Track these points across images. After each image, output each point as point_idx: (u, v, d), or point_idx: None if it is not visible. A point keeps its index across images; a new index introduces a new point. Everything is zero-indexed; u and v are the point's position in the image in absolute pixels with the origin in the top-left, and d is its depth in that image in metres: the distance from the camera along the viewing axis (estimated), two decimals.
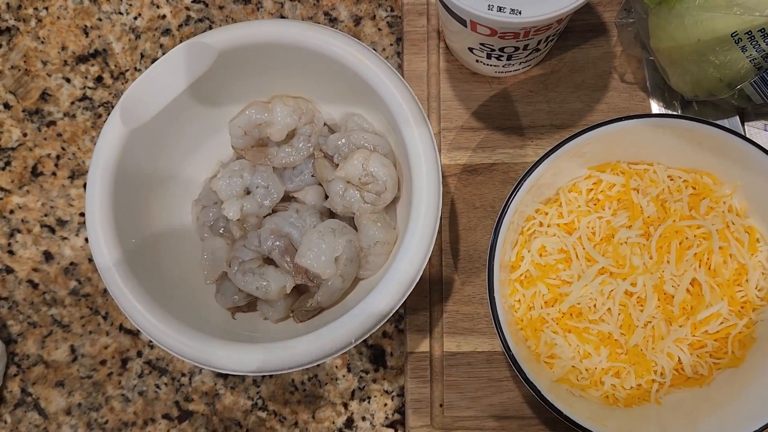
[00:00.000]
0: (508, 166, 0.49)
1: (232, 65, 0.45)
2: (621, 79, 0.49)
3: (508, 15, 0.36)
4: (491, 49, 0.43)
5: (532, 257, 0.43)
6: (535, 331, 0.43)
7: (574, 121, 0.49)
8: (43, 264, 0.53)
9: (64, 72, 0.55)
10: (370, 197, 0.45)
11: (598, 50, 0.49)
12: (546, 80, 0.49)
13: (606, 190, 0.44)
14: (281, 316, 0.46)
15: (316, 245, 0.45)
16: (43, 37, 0.55)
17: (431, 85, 0.50)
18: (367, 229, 0.46)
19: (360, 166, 0.45)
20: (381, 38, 0.53)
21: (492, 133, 0.49)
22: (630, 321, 0.42)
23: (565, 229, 0.44)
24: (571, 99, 0.49)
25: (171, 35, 0.55)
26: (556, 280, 0.43)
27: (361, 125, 0.47)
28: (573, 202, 0.44)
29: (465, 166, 0.49)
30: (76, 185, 0.54)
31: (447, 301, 0.48)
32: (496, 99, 0.49)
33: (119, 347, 0.51)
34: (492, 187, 0.48)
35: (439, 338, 0.47)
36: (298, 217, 0.47)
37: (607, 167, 0.44)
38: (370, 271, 0.47)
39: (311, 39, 0.42)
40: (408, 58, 0.51)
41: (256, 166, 0.48)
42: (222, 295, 0.46)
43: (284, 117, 0.47)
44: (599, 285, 0.42)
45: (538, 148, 0.49)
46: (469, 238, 0.48)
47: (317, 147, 0.48)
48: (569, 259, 0.43)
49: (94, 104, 0.54)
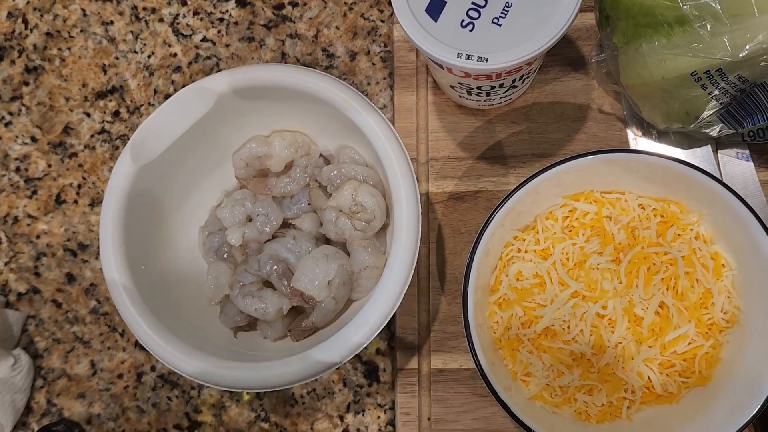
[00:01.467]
0: (491, 194, 0.52)
1: (233, 104, 0.49)
2: (599, 110, 0.52)
3: (476, 62, 0.39)
4: (469, 87, 0.46)
5: (509, 281, 0.46)
6: (512, 351, 0.46)
7: (554, 150, 0.51)
8: (66, 285, 0.57)
9: (85, 107, 0.60)
10: (360, 225, 0.49)
11: (578, 82, 0.52)
12: (528, 111, 0.52)
13: (580, 217, 0.47)
14: (279, 335, 0.50)
15: (311, 270, 0.48)
16: (66, 75, 0.60)
17: (420, 117, 0.53)
18: (357, 254, 0.49)
19: (350, 197, 0.48)
20: (375, 72, 0.57)
21: (477, 163, 0.52)
22: (601, 342, 0.44)
23: (540, 255, 0.46)
24: (552, 129, 0.52)
25: (182, 72, 0.59)
26: (531, 303, 0.46)
27: (353, 157, 0.51)
28: (549, 229, 0.47)
29: (451, 193, 0.52)
30: (95, 212, 0.58)
31: (434, 321, 0.51)
32: (481, 130, 0.52)
33: (134, 362, 0.56)
34: (476, 214, 0.51)
35: (426, 356, 0.50)
36: (294, 243, 0.51)
37: (582, 196, 0.47)
38: (361, 293, 0.50)
39: (303, 82, 0.46)
40: (398, 92, 0.54)
41: (257, 195, 0.52)
42: (225, 315, 0.50)
43: (282, 150, 0.51)
44: (572, 308, 0.45)
45: (520, 177, 0.51)
46: (455, 261, 0.51)
47: (313, 177, 0.52)
48: (544, 283, 0.46)
49: (112, 137, 0.59)
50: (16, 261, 0.58)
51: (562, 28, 0.39)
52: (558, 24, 0.39)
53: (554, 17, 0.39)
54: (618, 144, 0.51)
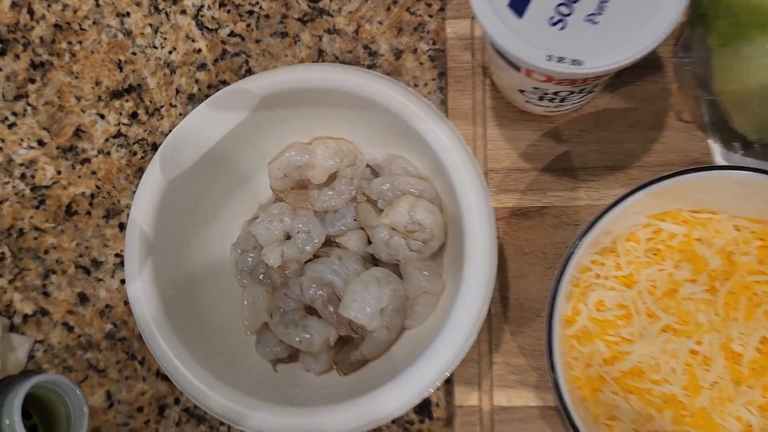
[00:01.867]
0: (560, 210, 0.46)
1: (272, 108, 0.43)
2: (678, 118, 0.47)
3: (569, 66, 0.34)
4: (544, 92, 0.41)
5: (589, 312, 0.41)
6: (593, 391, 0.40)
7: (629, 162, 0.46)
8: (78, 306, 0.52)
9: (99, 108, 0.54)
10: (417, 245, 0.44)
11: (654, 87, 0.47)
12: (598, 119, 0.47)
13: (667, 240, 0.42)
14: (324, 369, 0.45)
15: (361, 295, 0.43)
16: (77, 72, 0.54)
17: (477, 123, 0.48)
18: (413, 278, 0.44)
19: (406, 214, 0.43)
20: (423, 73, 0.51)
21: (542, 175, 0.47)
22: (695, 382, 0.39)
23: (623, 282, 0.41)
24: (626, 139, 0.47)
25: (207, 70, 0.53)
26: (615, 336, 0.41)
27: (406, 169, 0.45)
28: (631, 253, 0.42)
29: (513, 209, 0.47)
30: (111, 225, 0.52)
31: (496, 352, 0.46)
32: (546, 138, 0.47)
33: (156, 393, 0.50)
34: (543, 232, 0.46)
35: (488, 391, 0.45)
36: (341, 264, 0.45)
37: (668, 216, 0.42)
38: (416, 321, 0.45)
39: (353, 83, 0.41)
40: (452, 95, 0.49)
41: (296, 209, 0.47)
42: (263, 346, 0.45)
43: (325, 159, 0.45)
44: (662, 343, 0.40)
45: (591, 191, 0.46)
46: (519, 285, 0.46)
47: (359, 190, 0.46)
48: (629, 314, 0.40)
49: (129, 141, 0.53)
50: (21, 279, 0.52)
51: (668, 24, 0.34)
52: (664, 21, 0.34)
53: (659, 13, 0.34)
54: (699, 156, 0.46)
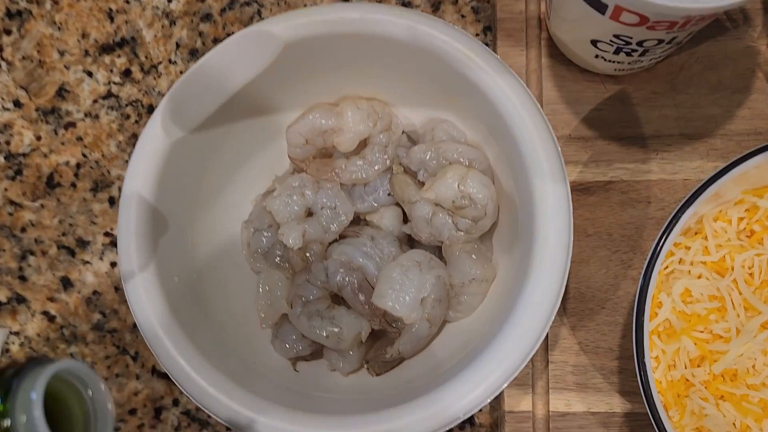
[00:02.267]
0: (627, 185, 0.40)
1: (295, 59, 0.36)
2: (767, 79, 0.40)
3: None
4: (626, 41, 0.34)
5: (673, 303, 0.35)
6: (678, 398, 0.34)
7: (709, 130, 0.40)
8: (61, 292, 0.44)
9: (86, 64, 0.46)
10: (465, 224, 0.37)
11: (739, 43, 0.40)
12: (674, 79, 0.40)
13: (764, 219, 0.35)
14: (354, 368, 0.38)
15: (399, 283, 0.36)
16: (60, 22, 0.47)
17: (531, 84, 0.41)
18: (460, 262, 0.37)
19: (455, 187, 0.36)
20: (465, 27, 0.44)
21: (607, 144, 0.40)
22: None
23: (714, 269, 0.35)
24: (705, 103, 0.40)
25: (212, 21, 0.46)
26: (705, 333, 0.34)
27: (452, 135, 0.39)
28: (721, 234, 0.35)
29: (575, 184, 0.40)
30: (99, 199, 0.45)
31: (553, 349, 0.39)
32: (612, 102, 0.41)
33: (152, 394, 0.43)
34: (608, 210, 0.40)
35: (543, 395, 0.39)
36: (373, 246, 0.38)
37: (766, 191, 0.35)
38: (462, 313, 0.38)
39: (403, 29, 0.34)
40: (502, 51, 0.42)
41: (320, 181, 0.40)
42: (281, 341, 0.38)
43: (356, 123, 0.38)
44: (763, 342, 0.33)
45: (665, 163, 0.40)
46: (580, 272, 0.39)
47: (395, 160, 0.40)
48: (723, 307, 0.34)
49: (121, 103, 0.46)
50: None
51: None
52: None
53: None
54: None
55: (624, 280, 0.39)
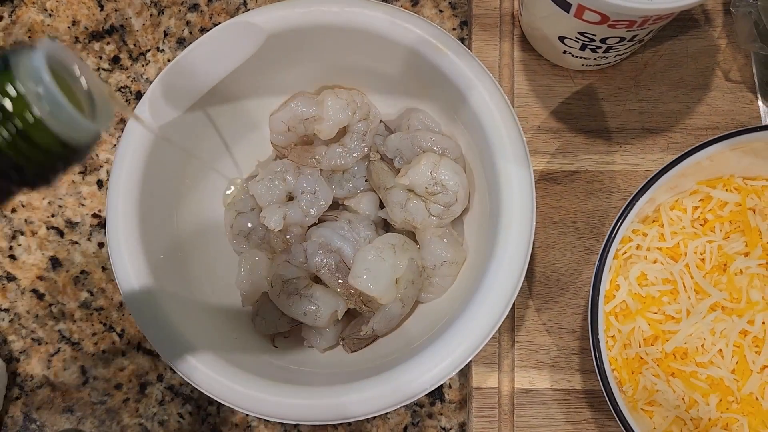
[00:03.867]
0: (592, 175, 0.42)
1: (278, 49, 0.38)
2: (725, 77, 0.42)
3: (637, 0, 0.30)
4: (590, 39, 0.36)
5: (629, 286, 0.37)
6: (632, 374, 0.36)
7: (670, 125, 0.42)
8: (50, 271, 0.46)
9: (75, 51, 0.48)
10: (437, 209, 0.39)
11: (700, 42, 0.43)
12: (638, 76, 0.43)
13: (716, 208, 0.38)
14: (330, 344, 0.40)
15: (374, 264, 0.38)
16: (51, 9, 0.48)
17: (503, 78, 0.43)
18: (432, 246, 0.39)
19: (428, 173, 0.38)
20: (442, 21, 0.46)
21: (574, 136, 0.42)
22: (745, 365, 0.36)
23: (668, 254, 0.37)
24: (667, 98, 0.42)
25: (199, 11, 0.48)
26: (659, 314, 0.36)
27: (427, 124, 0.41)
28: (676, 222, 0.38)
29: (542, 173, 0.42)
30: (87, 182, 0.47)
31: (519, 329, 0.41)
32: (580, 96, 0.43)
33: (137, 369, 0.45)
34: (573, 199, 0.42)
35: (509, 372, 0.41)
36: (350, 229, 0.40)
37: (719, 182, 0.38)
38: (434, 294, 0.40)
39: (379, 21, 0.36)
40: (476, 46, 0.44)
41: (300, 167, 0.42)
42: (261, 319, 0.40)
43: (336, 112, 0.40)
44: (711, 322, 0.36)
45: (628, 155, 0.42)
46: (546, 257, 0.42)
47: (373, 148, 0.41)
48: (675, 290, 0.36)
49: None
50: None
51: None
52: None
53: None
54: (747, 119, 0.42)
55: (587, 265, 0.41)
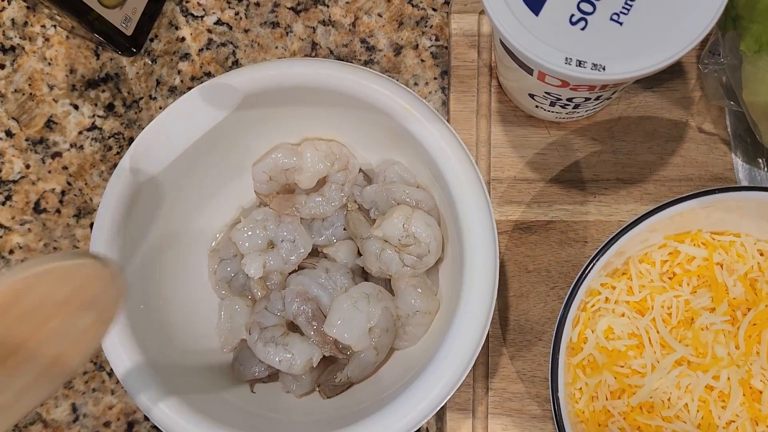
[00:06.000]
0: (566, 225, 0.43)
1: (257, 106, 0.39)
2: (699, 129, 0.43)
3: (589, 71, 0.30)
4: (557, 98, 0.37)
5: (597, 340, 0.37)
6: (598, 427, 0.37)
7: (644, 176, 0.43)
8: None
9: (72, 98, 0.50)
10: (411, 260, 0.40)
11: (674, 95, 0.43)
12: (612, 127, 0.43)
13: (684, 263, 0.38)
14: (306, 390, 0.41)
15: (348, 313, 0.39)
16: (50, 58, 0.50)
17: (480, 128, 0.44)
18: (406, 295, 0.40)
19: (401, 226, 0.39)
20: (424, 71, 0.48)
21: (549, 186, 0.43)
22: (711, 419, 0.36)
23: (636, 308, 0.38)
24: (641, 150, 0.43)
25: (190, 60, 0.49)
26: (625, 368, 0.37)
27: (402, 176, 0.42)
28: (645, 276, 0.38)
29: (517, 222, 0.43)
30: (81, 225, 0.49)
31: (493, 377, 0.42)
32: (555, 147, 0.44)
33: (125, 408, 0.46)
34: (548, 249, 0.43)
35: (483, 419, 0.42)
36: (327, 278, 0.41)
37: (687, 236, 0.38)
38: (408, 342, 0.41)
39: (349, 83, 0.37)
40: (455, 97, 0.45)
41: (281, 216, 0.43)
42: (240, 364, 0.41)
43: (315, 163, 0.42)
44: (676, 377, 0.36)
45: (602, 206, 0.43)
46: (520, 305, 0.42)
47: (351, 198, 0.43)
48: (641, 344, 0.37)
49: (104, 135, 0.49)
50: None
51: (702, 28, 0.30)
52: (697, 23, 0.30)
53: (691, 14, 0.30)
54: (721, 171, 0.42)
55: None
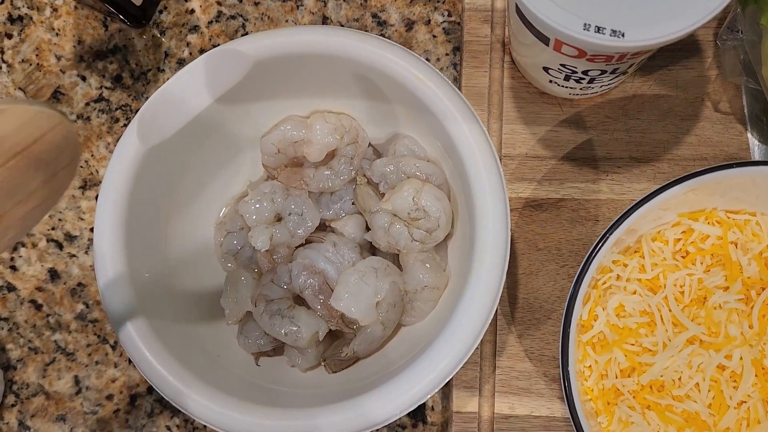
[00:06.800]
0: (578, 203, 0.42)
1: (267, 75, 0.39)
2: (714, 108, 0.42)
3: (608, 38, 0.30)
4: (572, 71, 0.37)
5: (607, 317, 0.37)
6: (608, 405, 0.37)
7: (658, 155, 0.42)
8: (48, 283, 0.47)
9: (80, 69, 0.49)
10: (420, 234, 0.39)
11: (690, 73, 0.43)
12: (626, 105, 0.43)
13: (698, 241, 0.38)
14: (311, 365, 0.41)
15: (356, 287, 0.39)
16: (58, 28, 0.50)
17: (492, 104, 0.44)
18: (414, 270, 0.40)
19: (410, 200, 0.39)
20: (435, 47, 0.47)
21: (561, 164, 0.43)
22: (722, 400, 0.35)
23: (648, 286, 0.37)
24: (656, 128, 0.42)
25: (199, 32, 0.49)
26: (635, 346, 0.36)
27: (413, 150, 0.41)
28: (657, 254, 0.38)
29: (528, 200, 0.43)
30: (87, 197, 0.48)
31: (500, 355, 0.42)
32: (568, 124, 0.43)
33: (128, 381, 0.46)
34: (558, 227, 0.42)
35: (489, 397, 0.41)
36: (335, 252, 0.41)
37: (701, 215, 0.38)
38: (415, 318, 0.41)
39: (362, 51, 0.36)
40: (467, 72, 0.44)
41: (289, 189, 0.43)
42: (245, 337, 0.41)
43: (324, 135, 0.41)
44: (688, 356, 0.36)
45: (614, 184, 0.42)
46: (529, 283, 0.42)
47: (360, 171, 0.42)
48: (653, 322, 0.36)
49: (111, 107, 0.49)
50: None
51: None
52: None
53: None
54: (736, 151, 0.42)
55: None
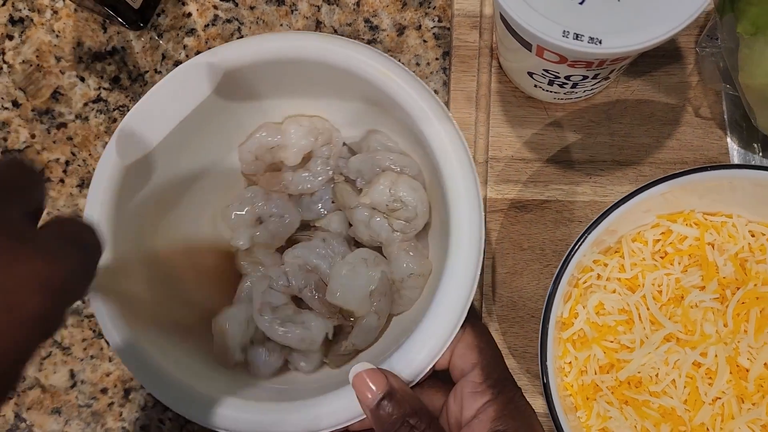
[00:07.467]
0: (561, 204, 0.43)
1: (240, 84, 0.39)
2: (695, 113, 0.43)
3: (586, 44, 0.31)
4: (555, 76, 0.38)
5: (587, 315, 0.38)
6: (586, 400, 0.38)
7: (640, 158, 0.43)
8: None
9: (79, 70, 0.50)
10: (399, 225, 0.41)
11: (671, 79, 0.44)
12: (610, 110, 0.44)
13: (676, 242, 0.39)
14: (316, 366, 0.41)
15: (348, 279, 0.40)
16: (58, 30, 0.51)
17: (480, 107, 0.45)
18: (399, 259, 0.41)
19: (387, 191, 0.40)
20: (426, 51, 0.48)
21: (545, 166, 0.44)
22: (697, 396, 0.37)
23: (627, 285, 0.38)
24: (638, 132, 0.44)
25: (196, 35, 0.50)
26: (614, 343, 0.38)
27: (386, 144, 0.42)
28: (637, 254, 0.39)
29: (513, 201, 0.44)
30: (84, 195, 0.49)
31: None
32: (553, 128, 0.44)
33: (122, 375, 0.47)
34: (542, 227, 0.43)
35: None
36: (325, 247, 0.42)
37: (679, 216, 0.39)
38: (404, 306, 0.42)
39: (328, 53, 0.37)
40: (455, 76, 0.45)
41: (269, 193, 0.43)
42: (256, 366, 0.40)
43: (299, 139, 0.42)
44: (664, 353, 0.37)
45: (597, 186, 0.43)
46: (513, 282, 0.43)
47: (337, 170, 0.43)
48: (631, 320, 0.38)
49: (109, 107, 0.50)
50: None
51: (701, 4, 0.31)
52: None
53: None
54: (716, 155, 0.43)
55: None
